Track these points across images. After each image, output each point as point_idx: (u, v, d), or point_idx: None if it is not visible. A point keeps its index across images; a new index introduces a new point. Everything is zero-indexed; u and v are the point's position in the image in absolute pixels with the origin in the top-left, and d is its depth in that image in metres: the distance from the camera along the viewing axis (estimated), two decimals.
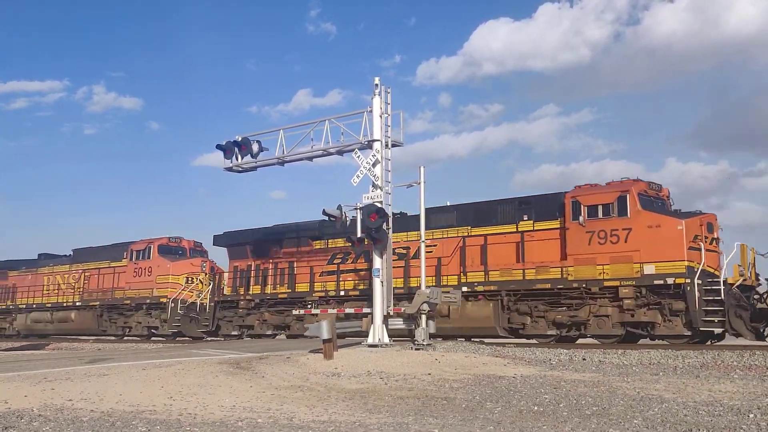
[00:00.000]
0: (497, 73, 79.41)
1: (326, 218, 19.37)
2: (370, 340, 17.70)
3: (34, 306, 35.53)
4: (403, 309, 18.32)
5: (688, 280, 17.97)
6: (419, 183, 18.81)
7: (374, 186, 18.25)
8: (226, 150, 21.24)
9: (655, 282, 18.51)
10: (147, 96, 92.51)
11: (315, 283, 25.12)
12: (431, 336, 18.18)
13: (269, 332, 26.31)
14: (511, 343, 20.08)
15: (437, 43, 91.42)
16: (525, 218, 21.23)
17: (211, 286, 28.49)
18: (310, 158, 20.85)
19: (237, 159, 21.25)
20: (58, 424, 8.04)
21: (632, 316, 18.95)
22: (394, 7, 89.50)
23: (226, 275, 28.97)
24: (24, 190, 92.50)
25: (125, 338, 31.78)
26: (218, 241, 29.40)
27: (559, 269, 19.98)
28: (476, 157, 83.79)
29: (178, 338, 29.39)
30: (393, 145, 18.93)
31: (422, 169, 18.81)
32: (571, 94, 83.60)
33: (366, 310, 18.92)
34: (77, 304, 33.44)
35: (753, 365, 14.23)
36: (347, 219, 19.37)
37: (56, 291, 34.81)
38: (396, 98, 19.33)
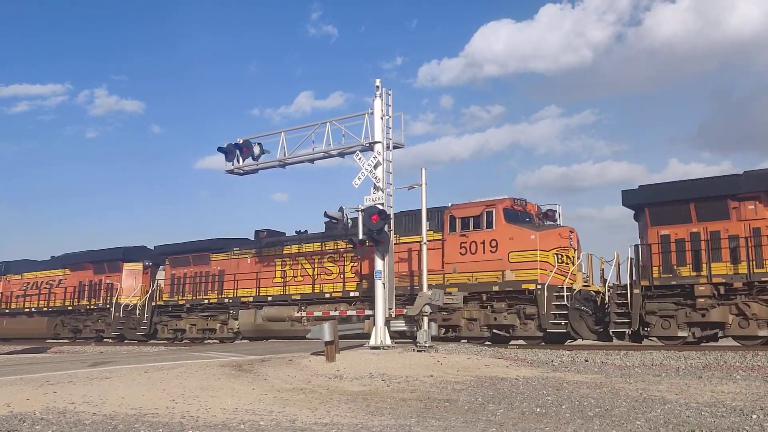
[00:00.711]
0: (499, 74, 79.52)
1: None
2: (372, 342, 17.70)
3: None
4: (405, 311, 18.33)
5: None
6: (421, 185, 18.81)
7: (376, 188, 18.26)
8: (228, 152, 21.29)
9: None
10: (149, 99, 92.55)
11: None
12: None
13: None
14: (513, 345, 20.09)
15: (439, 44, 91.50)
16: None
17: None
18: (312, 160, 20.89)
19: (238, 161, 21.30)
20: (60, 427, 8.04)
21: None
22: (395, 8, 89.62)
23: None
24: (26, 194, 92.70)
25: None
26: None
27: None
28: (478, 159, 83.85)
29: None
30: (394, 147, 18.95)
31: (424, 171, 18.82)
32: (572, 95, 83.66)
33: (368, 312, 18.94)
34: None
35: (756, 366, 14.20)
36: (348, 221, 19.40)
37: None
38: (397, 100, 19.41)
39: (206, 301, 28.12)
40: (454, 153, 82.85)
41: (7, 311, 36.26)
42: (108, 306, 31.43)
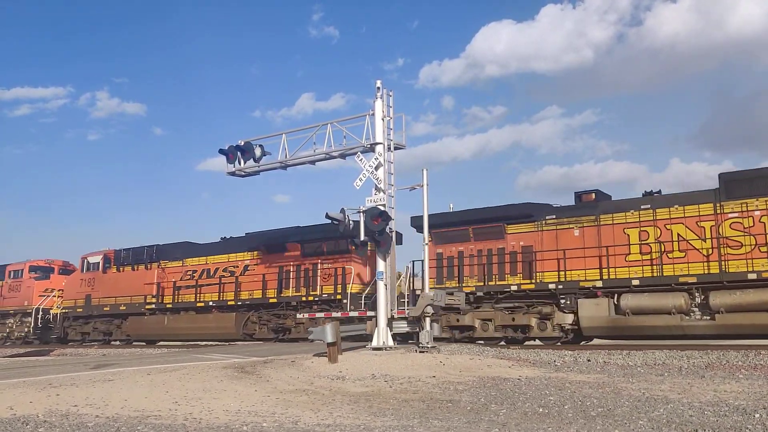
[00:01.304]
0: (500, 75, 79.66)
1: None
2: (374, 343, 17.70)
3: None
4: (407, 312, 18.33)
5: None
6: (422, 186, 18.81)
7: (377, 189, 18.26)
8: (229, 155, 21.30)
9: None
10: (150, 101, 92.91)
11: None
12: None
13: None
14: (515, 346, 20.08)
15: (440, 45, 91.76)
16: None
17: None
18: (313, 162, 20.89)
19: (240, 163, 21.31)
20: (63, 429, 8.05)
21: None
22: (396, 9, 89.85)
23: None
24: (28, 197, 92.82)
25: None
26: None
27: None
28: (480, 159, 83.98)
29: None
30: (395, 148, 18.95)
31: (425, 171, 18.81)
32: (574, 95, 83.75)
33: (370, 313, 18.94)
34: None
35: (758, 365, 14.19)
36: (350, 222, 19.39)
37: None
38: (399, 101, 19.43)
39: (511, 288, 21.17)
40: (456, 153, 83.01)
41: (169, 306, 29.58)
42: (336, 297, 24.65)
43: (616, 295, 19.24)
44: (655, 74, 75.57)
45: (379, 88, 18.61)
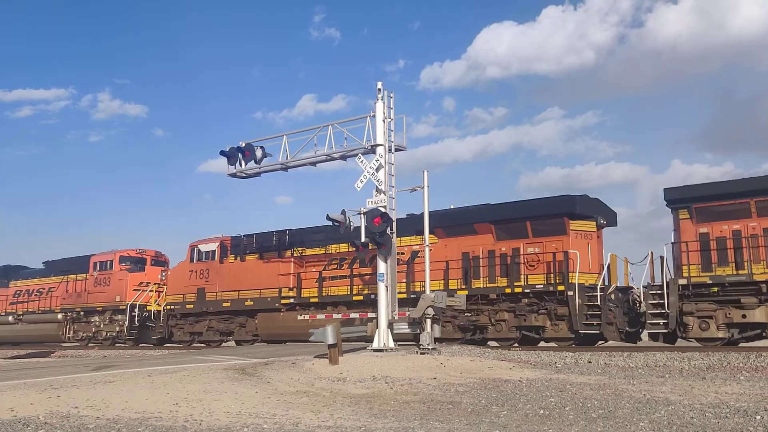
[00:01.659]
0: (502, 76, 79.63)
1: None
2: (375, 344, 17.70)
3: None
4: (408, 313, 18.31)
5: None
6: (423, 187, 18.82)
7: (378, 191, 18.27)
8: (230, 156, 21.32)
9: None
10: (152, 103, 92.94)
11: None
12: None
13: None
14: (516, 347, 20.07)
15: (441, 47, 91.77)
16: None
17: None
18: (314, 163, 20.89)
19: (241, 165, 21.32)
20: (64, 431, 8.05)
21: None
22: (398, 11, 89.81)
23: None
24: (30, 199, 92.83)
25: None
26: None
27: None
28: (481, 161, 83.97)
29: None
30: (396, 150, 18.96)
31: (426, 173, 18.84)
32: (575, 96, 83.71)
33: (371, 314, 18.93)
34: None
35: (759, 367, 14.19)
36: (351, 224, 19.38)
37: None
38: (400, 103, 19.57)
39: None
40: (457, 155, 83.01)
41: (313, 300, 25.16)
42: (554, 288, 20.34)
43: None
44: (657, 76, 75.64)
45: (380, 89, 18.62)
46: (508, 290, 20.91)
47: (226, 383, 12.26)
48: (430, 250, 19.29)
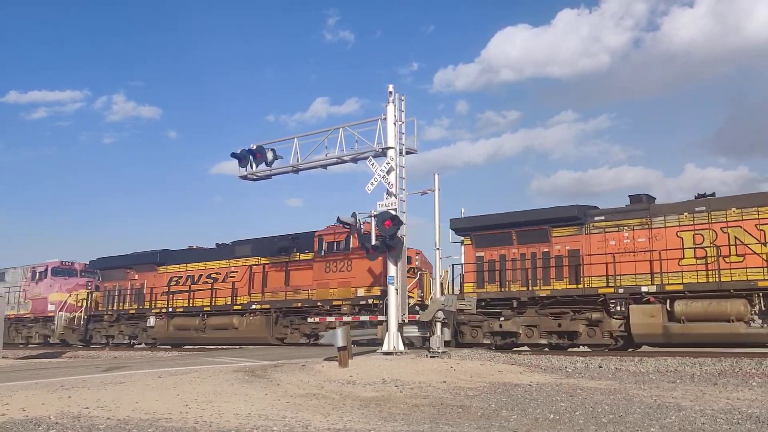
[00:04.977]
0: (515, 79, 79.25)
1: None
2: (385, 347, 17.69)
3: None
4: (418, 316, 18.31)
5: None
6: (434, 190, 18.81)
7: (388, 193, 18.28)
8: (241, 158, 21.39)
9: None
10: (165, 105, 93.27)
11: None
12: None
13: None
14: (526, 352, 20.01)
15: (455, 50, 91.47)
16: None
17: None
18: (325, 166, 20.92)
19: (252, 167, 21.39)
20: (75, 431, 8.09)
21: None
22: (412, 14, 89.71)
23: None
24: (43, 200, 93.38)
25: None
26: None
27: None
28: (493, 164, 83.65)
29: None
30: (407, 153, 18.97)
31: (436, 176, 18.85)
32: (589, 100, 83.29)
33: (381, 317, 18.94)
34: None
35: None
36: (361, 226, 19.41)
37: None
38: (413, 105, 19.69)
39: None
40: (469, 158, 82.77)
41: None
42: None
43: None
44: (671, 79, 75.15)
45: (391, 92, 18.63)
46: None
47: (236, 385, 12.29)
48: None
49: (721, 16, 67.49)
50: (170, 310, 30.06)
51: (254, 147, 21.22)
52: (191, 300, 29.57)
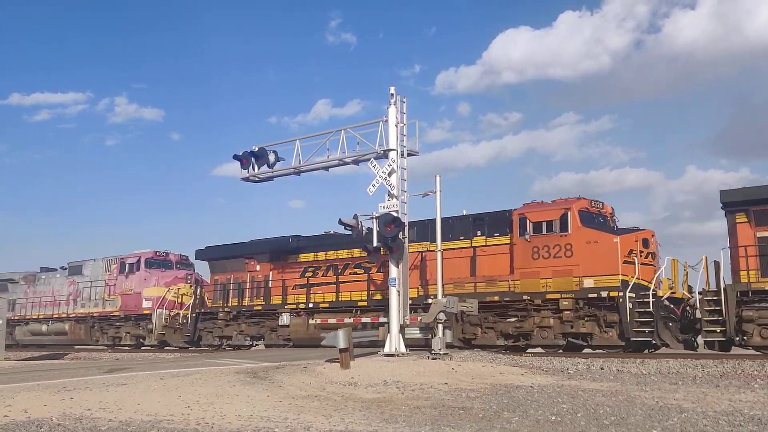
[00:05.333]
0: (517, 81, 79.25)
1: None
2: (386, 349, 17.69)
3: None
4: (419, 318, 18.30)
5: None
6: (435, 192, 18.81)
7: (390, 195, 18.28)
8: (243, 160, 21.41)
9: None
10: (168, 107, 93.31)
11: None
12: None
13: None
14: (528, 353, 19.99)
15: (456, 52, 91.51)
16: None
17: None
18: (326, 168, 20.93)
19: (254, 169, 21.40)
20: None
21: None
22: (414, 16, 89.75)
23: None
24: (46, 202, 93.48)
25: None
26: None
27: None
28: (494, 166, 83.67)
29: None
30: (409, 155, 18.97)
31: (438, 178, 18.84)
32: (591, 101, 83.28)
33: (382, 319, 18.92)
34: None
35: None
36: (363, 228, 19.40)
37: None
38: (415, 107, 19.73)
39: None
40: (471, 160, 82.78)
41: None
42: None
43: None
44: (673, 81, 75.09)
45: (392, 94, 18.64)
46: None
47: (238, 386, 12.30)
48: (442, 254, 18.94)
49: (722, 17, 67.51)
50: (310, 305, 25.41)
51: (256, 149, 21.24)
52: (338, 294, 24.82)
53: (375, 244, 18.16)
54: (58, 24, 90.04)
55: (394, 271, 18.13)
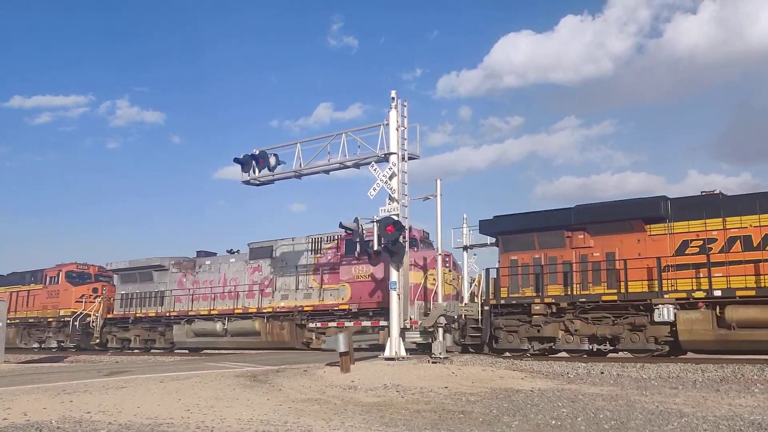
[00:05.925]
0: (518, 85, 79.36)
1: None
2: (386, 353, 17.68)
3: None
4: (420, 322, 18.30)
5: None
6: (436, 196, 18.82)
7: (391, 199, 18.28)
8: (244, 163, 21.41)
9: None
10: (169, 110, 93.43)
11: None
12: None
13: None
14: (528, 357, 19.97)
15: (458, 56, 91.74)
16: None
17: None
18: (327, 171, 20.95)
19: (254, 172, 21.40)
20: None
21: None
22: (416, 20, 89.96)
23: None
24: (48, 204, 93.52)
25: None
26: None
27: None
28: (496, 170, 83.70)
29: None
30: (409, 158, 18.98)
31: (438, 182, 18.87)
32: (592, 106, 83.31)
33: (383, 323, 18.93)
34: None
35: None
36: (363, 231, 19.41)
37: None
38: (416, 111, 19.69)
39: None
40: (472, 164, 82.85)
41: None
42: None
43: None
44: (674, 85, 75.11)
45: (393, 98, 18.66)
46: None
47: (238, 390, 12.30)
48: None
49: (724, 22, 67.52)
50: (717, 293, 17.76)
51: (257, 152, 21.24)
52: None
53: (375, 247, 18.17)
54: (59, 27, 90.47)
55: (394, 274, 18.13)
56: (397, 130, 18.57)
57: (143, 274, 32.36)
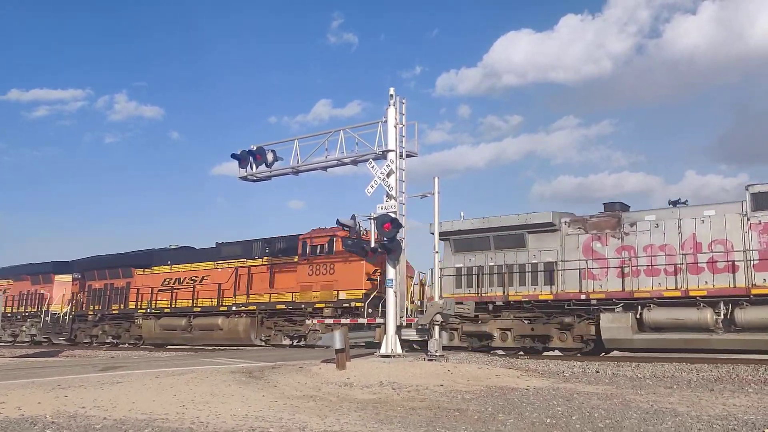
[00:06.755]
0: (517, 84, 79.28)
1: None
2: (382, 350, 17.68)
3: None
4: (416, 320, 18.30)
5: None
6: (433, 194, 18.81)
7: (388, 196, 18.26)
8: (241, 159, 21.35)
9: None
10: (168, 105, 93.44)
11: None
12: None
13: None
14: (525, 356, 20.01)
15: (458, 54, 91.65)
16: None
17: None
18: (325, 168, 20.89)
19: (252, 168, 21.34)
20: (71, 431, 8.09)
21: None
22: (415, 18, 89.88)
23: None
24: (45, 200, 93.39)
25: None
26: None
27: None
28: (494, 168, 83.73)
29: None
30: (407, 156, 18.94)
31: (436, 179, 18.81)
32: (591, 105, 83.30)
33: (379, 320, 18.93)
34: None
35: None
36: (361, 228, 19.40)
37: None
38: (415, 109, 19.75)
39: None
40: (470, 162, 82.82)
41: None
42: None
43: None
44: (674, 86, 75.09)
45: (392, 95, 18.62)
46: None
47: (233, 386, 12.30)
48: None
49: (724, 23, 67.51)
50: None
51: (254, 148, 21.18)
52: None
53: (372, 245, 18.15)
54: (57, 20, 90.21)
55: (391, 272, 18.12)
56: (396, 127, 18.54)
57: (513, 237, 21.88)
